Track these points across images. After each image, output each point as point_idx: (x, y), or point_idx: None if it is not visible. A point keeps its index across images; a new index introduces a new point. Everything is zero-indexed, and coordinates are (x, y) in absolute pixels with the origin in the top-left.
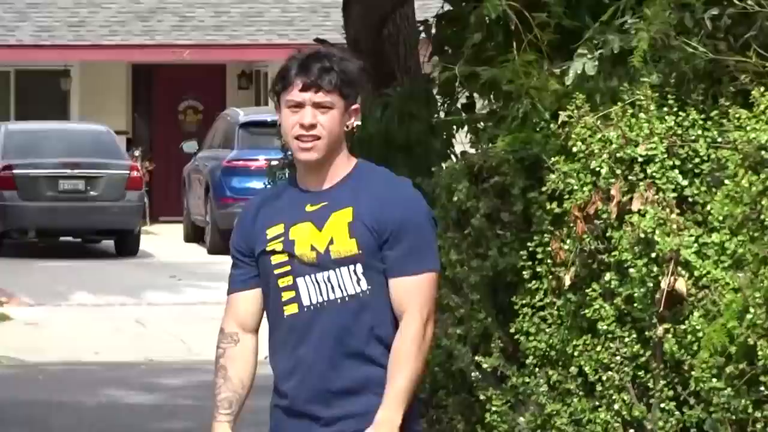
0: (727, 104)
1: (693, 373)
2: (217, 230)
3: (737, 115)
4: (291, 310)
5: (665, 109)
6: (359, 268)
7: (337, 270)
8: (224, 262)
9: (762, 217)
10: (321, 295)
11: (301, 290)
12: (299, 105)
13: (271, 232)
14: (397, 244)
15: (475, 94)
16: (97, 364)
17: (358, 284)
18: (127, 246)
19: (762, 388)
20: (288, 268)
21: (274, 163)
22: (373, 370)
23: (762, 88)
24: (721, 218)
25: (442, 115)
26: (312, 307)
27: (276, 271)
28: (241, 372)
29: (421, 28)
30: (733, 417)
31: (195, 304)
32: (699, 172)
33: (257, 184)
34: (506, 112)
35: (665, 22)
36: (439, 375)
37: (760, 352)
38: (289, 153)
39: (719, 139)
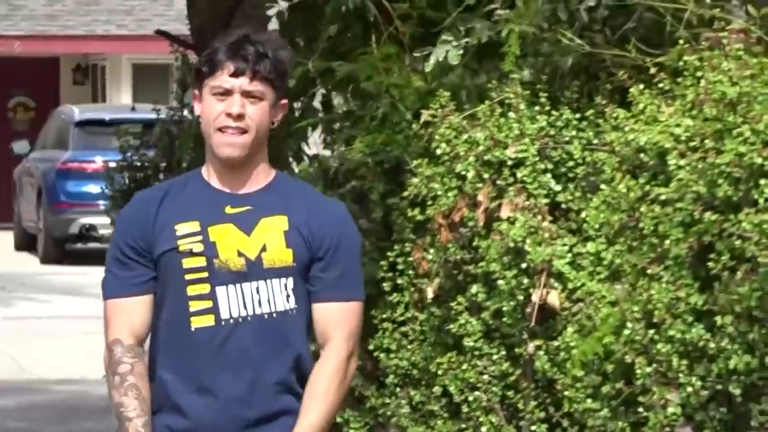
0: (604, 102)
1: (566, 393)
2: (50, 238)
3: (614, 115)
4: (203, 322)
5: (537, 108)
6: (290, 282)
7: (267, 281)
8: (58, 273)
9: (640, 225)
10: (245, 308)
11: (220, 300)
12: (227, 92)
13: (182, 229)
14: (331, 266)
15: (332, 92)
16: None
17: (287, 301)
18: None
19: (640, 409)
20: (205, 274)
21: (112, 165)
22: (293, 401)
23: (641, 86)
24: (596, 226)
25: (296, 114)
26: (232, 321)
27: (187, 276)
28: (148, 393)
29: (273, 17)
30: None
31: (26, 318)
32: (573, 176)
33: (94, 188)
34: (364, 112)
35: (537, 13)
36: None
37: (638, 371)
38: (130, 155)
39: (595, 141)
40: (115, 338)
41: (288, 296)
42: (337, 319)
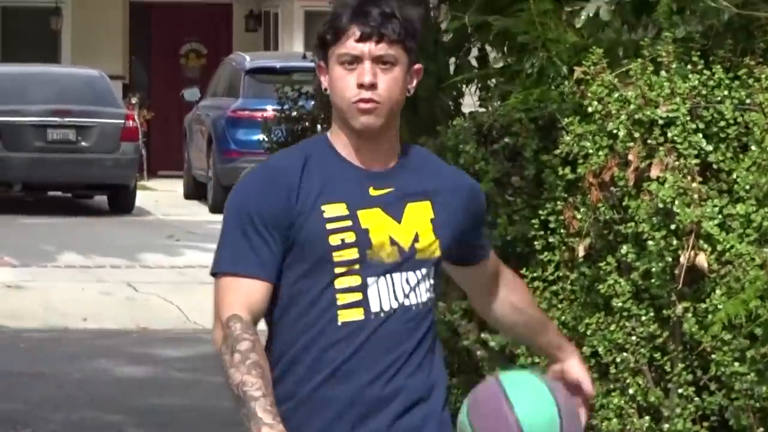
0: (755, 63)
1: (714, 355)
2: (220, 187)
3: (765, 75)
4: (351, 315)
5: (689, 66)
6: (431, 272)
7: (416, 272)
8: None
9: None
10: (396, 300)
11: (371, 293)
12: (356, 59)
13: (330, 211)
14: (479, 230)
15: (488, 47)
16: (84, 332)
17: (429, 291)
18: (121, 202)
19: None
20: (356, 266)
21: (266, 115)
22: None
23: None
24: (747, 188)
25: (451, 69)
26: (383, 314)
27: (337, 270)
28: (269, 373)
29: None
30: (757, 404)
31: (194, 268)
32: (725, 136)
33: (264, 136)
34: (520, 67)
35: None
36: (443, 352)
37: None
38: (287, 107)
39: (747, 101)
40: (233, 314)
41: (429, 286)
42: (493, 264)
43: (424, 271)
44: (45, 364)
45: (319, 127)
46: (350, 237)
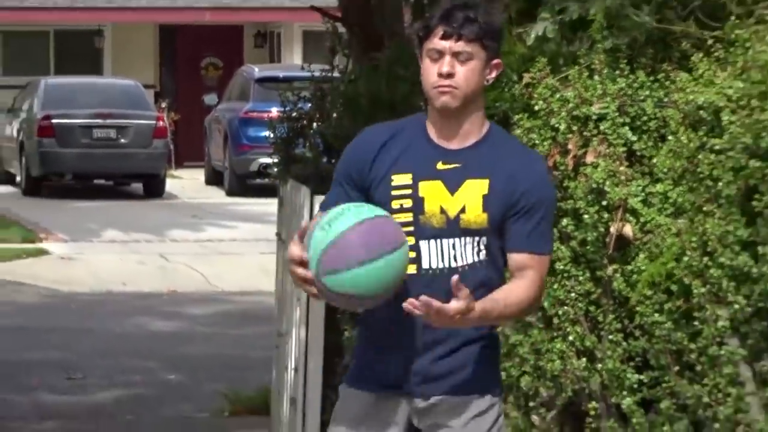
0: (670, 68)
1: (638, 308)
2: (234, 174)
3: (679, 78)
4: (411, 268)
5: (617, 72)
6: (484, 240)
7: (462, 239)
8: (241, 204)
9: (699, 169)
10: (443, 261)
11: (422, 252)
12: (440, 53)
13: (398, 180)
14: (525, 221)
15: None
16: (124, 294)
17: (478, 255)
18: (153, 188)
19: (696, 323)
20: (411, 228)
21: (272, 116)
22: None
23: (701, 54)
24: (665, 170)
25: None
26: (431, 272)
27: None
28: None
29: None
30: (672, 347)
31: (213, 241)
32: (647, 129)
33: (270, 133)
34: None
35: None
36: None
37: (694, 291)
38: (288, 108)
39: (665, 99)
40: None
41: (479, 251)
42: (527, 267)
43: (470, 239)
44: (92, 320)
45: (314, 124)
46: (408, 203)
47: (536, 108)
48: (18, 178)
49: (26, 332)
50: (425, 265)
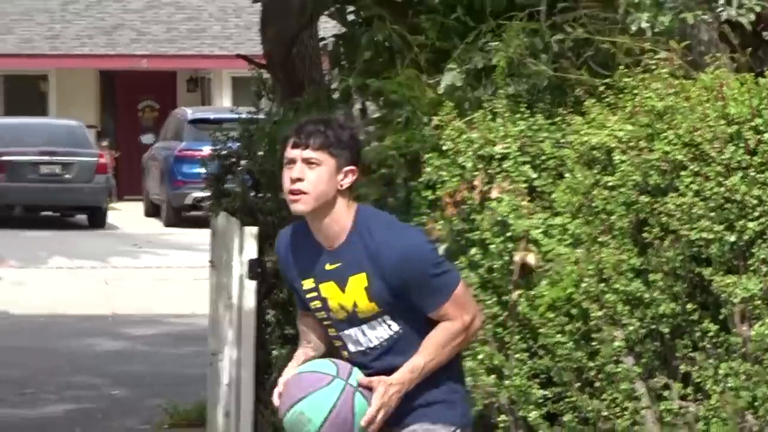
0: (566, 112)
1: (541, 330)
2: (171, 207)
3: (574, 121)
4: (344, 351)
5: (518, 115)
6: (386, 318)
7: (368, 324)
8: (177, 234)
9: (594, 204)
10: (362, 344)
11: (345, 339)
12: (292, 161)
13: (305, 284)
14: (418, 289)
15: (367, 102)
16: (71, 317)
17: (389, 328)
18: (96, 219)
19: (594, 343)
20: (329, 322)
21: (203, 154)
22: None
23: (593, 100)
24: (563, 205)
25: None
26: (357, 353)
27: (323, 323)
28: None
29: (323, 46)
30: (573, 365)
31: (152, 268)
32: (546, 167)
33: (203, 170)
34: (392, 117)
35: (519, 44)
36: None
37: (592, 314)
38: (218, 147)
39: (562, 140)
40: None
41: (389, 325)
42: (444, 314)
43: (374, 322)
44: (42, 340)
45: (243, 162)
46: (318, 304)
47: (445, 148)
48: None
49: None
50: (351, 349)
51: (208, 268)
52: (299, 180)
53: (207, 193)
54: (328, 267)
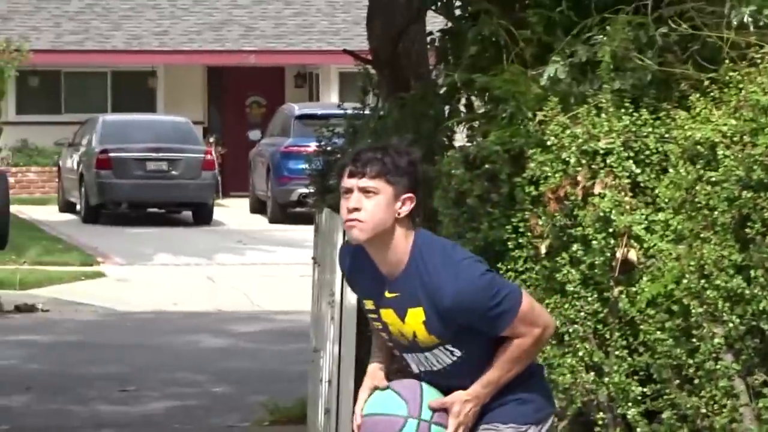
0: (671, 107)
1: (642, 326)
2: (276, 203)
3: (678, 116)
4: (409, 369)
5: (623, 110)
6: (448, 345)
7: (430, 352)
8: (282, 230)
9: (697, 199)
10: (425, 366)
11: (409, 361)
12: (348, 191)
13: (367, 305)
14: (480, 324)
15: (473, 97)
16: (175, 314)
17: (452, 355)
18: (202, 216)
19: (694, 340)
20: (391, 344)
21: (310, 150)
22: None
23: (698, 95)
24: (666, 200)
25: (445, 114)
26: (422, 373)
27: (387, 343)
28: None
29: (429, 41)
30: (673, 362)
31: (256, 265)
32: (649, 162)
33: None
34: (496, 112)
35: (624, 38)
36: None
37: (693, 310)
38: (324, 143)
39: (666, 135)
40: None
41: (451, 352)
42: (517, 332)
43: (436, 350)
44: (145, 337)
45: None
46: (379, 325)
47: (548, 143)
48: (78, 207)
49: (84, 348)
50: (415, 370)
51: (311, 265)
52: (356, 210)
53: (312, 190)
54: (387, 295)
